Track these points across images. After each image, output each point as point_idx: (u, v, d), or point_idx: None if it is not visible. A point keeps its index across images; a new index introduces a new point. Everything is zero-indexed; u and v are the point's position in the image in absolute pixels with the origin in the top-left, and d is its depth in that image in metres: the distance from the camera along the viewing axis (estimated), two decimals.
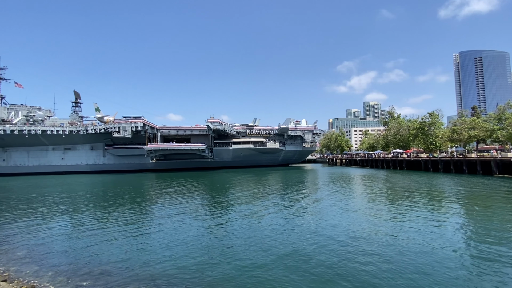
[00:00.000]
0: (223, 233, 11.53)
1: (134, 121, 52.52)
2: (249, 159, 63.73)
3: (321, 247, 9.44)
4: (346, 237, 10.50)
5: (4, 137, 50.27)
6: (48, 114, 61.69)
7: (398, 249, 9.06)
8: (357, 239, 10.13)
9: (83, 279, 7.49)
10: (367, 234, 10.85)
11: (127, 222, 13.87)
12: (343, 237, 10.42)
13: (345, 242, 9.85)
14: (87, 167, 56.92)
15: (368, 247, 9.32)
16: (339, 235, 10.71)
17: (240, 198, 20.98)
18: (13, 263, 8.73)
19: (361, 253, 8.77)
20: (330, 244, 9.72)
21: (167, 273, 7.78)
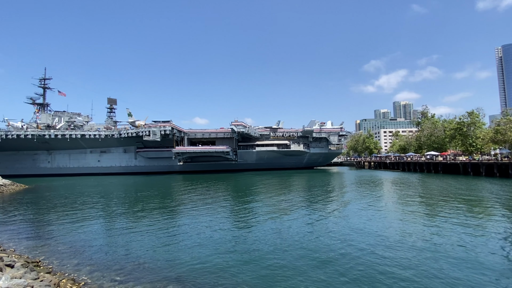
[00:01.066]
0: (249, 235, 11.56)
1: (163, 125, 54.92)
2: (273, 162, 63.52)
3: (353, 255, 9.04)
4: (379, 245, 9.89)
5: (49, 141, 55.27)
6: (87, 120, 66.75)
7: (439, 263, 8.41)
8: (390, 248, 9.46)
9: (116, 274, 7.92)
10: (402, 242, 10.12)
11: (157, 221, 14.47)
12: (375, 245, 9.77)
13: (378, 251, 9.34)
14: (120, 169, 60.53)
15: (404, 257, 8.75)
16: (371, 242, 10.10)
17: (265, 200, 20.94)
18: (56, 256, 9.49)
19: (395, 264, 8.24)
20: (362, 253, 9.28)
21: (193, 272, 7.97)
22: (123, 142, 58.32)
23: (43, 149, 57.95)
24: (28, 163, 57.99)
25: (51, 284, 6.43)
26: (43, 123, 60.61)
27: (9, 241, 11.41)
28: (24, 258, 8.86)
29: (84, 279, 7.57)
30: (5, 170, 52.42)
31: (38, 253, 9.85)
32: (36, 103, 65.23)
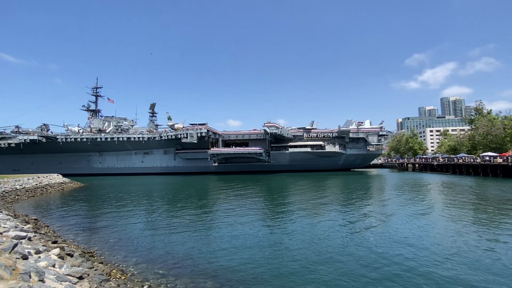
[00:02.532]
0: (284, 238, 11.40)
1: (199, 127, 57.28)
2: (306, 163, 62.18)
3: (396, 271, 8.38)
4: (433, 263, 8.95)
5: (100, 144, 61.21)
6: (132, 124, 72.49)
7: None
8: (447, 269, 8.56)
9: (158, 267, 8.37)
10: (461, 260, 9.03)
11: (195, 220, 15.06)
12: (428, 263, 8.52)
13: (432, 269, 8.50)
14: (161, 169, 64.53)
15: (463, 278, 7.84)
16: (422, 259, 8.92)
17: (300, 202, 20.53)
18: (107, 248, 10.37)
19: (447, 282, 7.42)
20: (406, 268, 8.55)
21: (229, 270, 8.10)
22: (163, 144, 62.09)
23: (96, 151, 64.33)
24: (83, 164, 64.83)
25: (103, 273, 7.00)
26: (95, 128, 67.39)
27: (68, 232, 12.79)
28: (81, 248, 9.83)
29: (131, 271, 8.13)
30: (65, 169, 59.32)
31: (92, 244, 10.86)
32: (89, 109, 72.96)
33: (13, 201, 22.67)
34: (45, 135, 58.59)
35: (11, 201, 22.15)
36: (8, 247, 5.48)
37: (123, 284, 6.88)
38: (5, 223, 8.97)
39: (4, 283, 3.73)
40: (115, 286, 6.29)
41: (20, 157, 61.10)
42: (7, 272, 4.13)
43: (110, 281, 6.56)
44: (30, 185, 29.97)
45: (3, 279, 3.89)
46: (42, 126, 62.83)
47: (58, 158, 63.29)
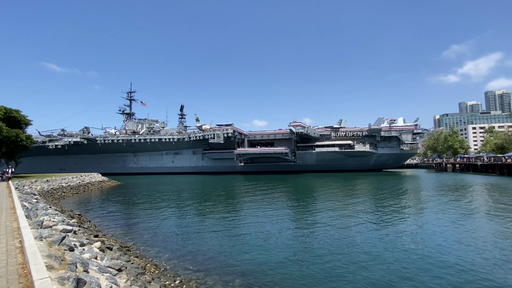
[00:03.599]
0: (311, 237, 11.17)
1: (225, 128, 58.38)
2: (334, 163, 60.36)
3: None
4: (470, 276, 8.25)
5: (134, 145, 65.04)
6: (163, 125, 76.03)
7: None
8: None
9: (189, 263, 8.64)
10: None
11: (223, 218, 15.35)
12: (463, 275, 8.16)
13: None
14: (190, 169, 66.85)
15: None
16: (458, 271, 8.49)
17: (328, 203, 19.96)
18: (141, 243, 10.96)
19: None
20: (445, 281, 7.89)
21: (257, 269, 8.12)
22: (192, 144, 64.27)
23: (130, 152, 68.47)
24: (120, 163, 69.35)
25: (139, 267, 7.39)
26: (130, 130, 71.78)
27: (107, 227, 13.74)
28: (119, 242, 10.49)
29: (163, 265, 8.49)
30: (103, 169, 63.95)
31: (129, 239, 11.54)
32: (124, 112, 77.97)
33: (60, 197, 24.94)
34: (86, 137, 63.70)
35: (58, 198, 24.40)
36: (57, 239, 6.01)
37: (157, 278, 7.20)
38: (54, 218, 9.87)
39: (54, 272, 4.08)
40: (149, 280, 6.60)
41: (66, 158, 67.07)
42: (57, 262, 4.52)
43: (145, 275, 6.91)
44: (74, 183, 32.76)
45: (54, 268, 4.26)
46: (84, 129, 68.42)
47: (97, 158, 68.42)
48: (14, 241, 5.86)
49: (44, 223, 7.93)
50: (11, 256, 4.88)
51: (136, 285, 5.42)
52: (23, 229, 6.18)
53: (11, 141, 29.26)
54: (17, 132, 29.77)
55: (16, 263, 4.54)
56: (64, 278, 3.74)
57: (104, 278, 4.92)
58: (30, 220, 8.11)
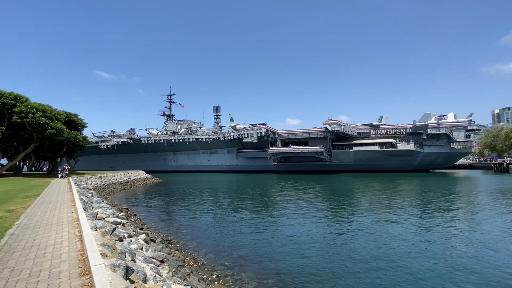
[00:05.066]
0: (348, 239, 10.71)
1: (259, 127, 58.78)
2: (374, 163, 56.92)
3: None
4: None
5: (174, 144, 68.97)
6: (199, 126, 79.41)
7: None
8: None
9: (225, 259, 8.90)
10: None
11: (257, 216, 15.50)
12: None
13: None
14: (224, 167, 68.78)
15: None
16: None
17: (367, 204, 18.94)
18: (181, 237, 11.58)
19: None
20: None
21: (291, 268, 8.05)
22: (226, 144, 66.03)
23: (170, 151, 72.76)
24: (161, 162, 74.12)
25: (179, 259, 7.82)
26: (170, 130, 76.31)
27: (151, 221, 14.79)
28: (161, 236, 11.23)
29: (201, 260, 8.87)
30: (147, 167, 68.97)
31: (170, 233, 12.29)
32: (165, 114, 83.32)
33: (111, 192, 27.55)
34: (132, 137, 69.33)
35: (109, 193, 26.98)
36: (109, 230, 6.64)
37: (195, 271, 7.55)
38: (106, 211, 10.93)
39: (107, 259, 4.52)
40: (189, 272, 6.95)
41: (114, 156, 73.79)
42: (109, 251, 5.00)
43: (184, 267, 7.28)
44: (122, 180, 35.89)
45: (106, 256, 4.72)
46: (130, 130, 74.62)
47: (142, 157, 74.04)
48: (74, 230, 6.62)
49: (98, 215, 8.83)
50: (72, 243, 5.52)
51: (177, 277, 5.74)
52: (81, 220, 6.96)
53: (71, 142, 33.10)
54: (75, 133, 33.58)
55: (76, 249, 5.13)
56: (115, 265, 4.12)
57: (149, 268, 5.30)
58: (87, 212, 9.09)
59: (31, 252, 5.06)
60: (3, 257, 4.80)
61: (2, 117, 28.03)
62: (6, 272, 4.13)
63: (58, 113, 32.13)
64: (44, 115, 28.65)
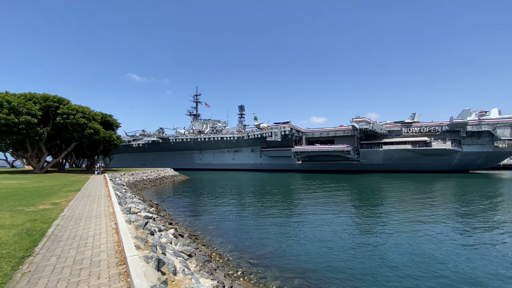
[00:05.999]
0: (377, 242, 10.27)
1: (283, 126, 58.43)
2: (405, 163, 53.87)
3: None
4: None
5: (200, 143, 71.04)
6: (224, 125, 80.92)
7: None
8: None
9: (250, 257, 8.99)
10: None
11: (282, 215, 15.45)
12: None
13: None
14: (248, 166, 69.41)
15: None
16: None
17: (397, 206, 18.01)
18: (207, 233, 11.91)
19: None
20: None
21: (318, 269, 7.91)
22: (250, 142, 66.58)
23: (197, 149, 75.07)
24: (188, 160, 76.76)
25: (206, 254, 8.06)
26: (196, 129, 78.71)
27: (179, 217, 15.40)
28: (189, 231, 11.65)
29: (227, 256, 9.05)
30: (175, 165, 71.85)
31: (196, 228, 12.70)
32: (191, 114, 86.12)
33: (142, 188, 29.11)
34: (161, 136, 72.60)
35: (140, 188, 28.53)
36: (141, 224, 7.04)
37: (221, 267, 7.73)
38: (138, 206, 11.58)
39: (140, 251, 4.80)
40: (215, 267, 7.14)
41: (145, 154, 77.82)
42: (142, 243, 5.31)
43: (211, 262, 7.49)
44: (152, 177, 37.75)
45: (140, 248, 5.02)
46: (159, 129, 78.19)
47: (170, 155, 77.26)
48: (111, 223, 7.12)
49: (131, 209, 9.39)
50: (109, 235, 5.94)
51: (204, 271, 5.93)
52: (117, 213, 7.45)
53: (106, 141, 35.52)
54: (110, 133, 35.97)
55: (113, 241, 5.51)
56: (148, 257, 4.37)
57: (178, 261, 5.53)
58: (121, 206, 9.72)
59: (74, 241, 5.54)
60: (51, 245, 5.31)
61: (47, 118, 30.83)
62: (53, 259, 4.57)
63: (95, 114, 34.62)
64: (83, 116, 31.04)
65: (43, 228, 6.54)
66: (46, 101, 30.13)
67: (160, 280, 3.71)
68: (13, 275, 3.89)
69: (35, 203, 10.26)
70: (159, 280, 3.69)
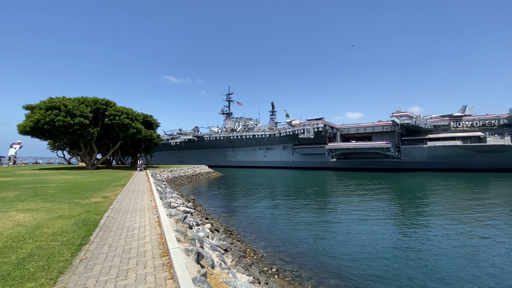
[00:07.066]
0: (419, 245, 9.51)
1: (316, 122, 56.92)
2: (454, 160, 48.86)
3: None
4: None
5: (233, 141, 72.53)
6: (256, 123, 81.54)
7: None
8: None
9: (283, 255, 8.95)
10: None
11: (316, 213, 15.10)
12: None
13: None
14: (280, 163, 69.07)
15: None
16: None
17: (444, 208, 16.46)
18: (241, 229, 12.13)
19: None
20: None
21: (354, 271, 7.58)
22: (282, 140, 66.12)
23: (230, 147, 76.81)
24: (221, 157, 78.96)
25: (240, 250, 8.20)
26: (229, 127, 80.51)
27: (214, 212, 15.91)
28: (224, 226, 11.98)
29: (261, 252, 9.12)
30: (209, 162, 74.43)
31: (230, 224, 13.00)
32: (224, 112, 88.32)
33: (180, 184, 30.68)
34: (197, 135, 75.70)
35: (178, 184, 30.08)
36: (181, 218, 7.39)
37: (256, 263, 7.81)
38: (177, 201, 12.21)
39: (181, 244, 5.04)
40: (250, 263, 7.23)
41: (182, 152, 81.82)
42: (182, 236, 5.57)
43: (246, 258, 7.60)
44: (189, 173, 39.57)
45: (180, 241, 5.28)
46: (194, 128, 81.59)
47: (205, 153, 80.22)
48: (153, 216, 7.60)
49: (171, 204, 9.93)
50: (153, 227, 6.35)
51: (240, 266, 6.03)
52: (159, 207, 7.93)
53: (147, 140, 38.08)
54: (151, 132, 38.48)
55: (156, 233, 5.87)
56: (188, 250, 4.58)
57: (215, 255, 5.71)
58: (162, 201, 10.33)
59: (123, 232, 6.02)
60: (103, 234, 5.84)
61: (97, 119, 33.99)
62: (106, 248, 5.01)
63: (137, 114, 37.28)
64: (127, 117, 33.62)
65: (96, 219, 7.23)
66: (95, 104, 33.24)
67: (200, 272, 3.85)
68: (73, 260, 4.36)
69: (89, 196, 11.40)
70: (199, 273, 3.83)
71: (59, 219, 7.09)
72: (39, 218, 7.12)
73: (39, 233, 5.73)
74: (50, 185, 15.78)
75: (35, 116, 28.58)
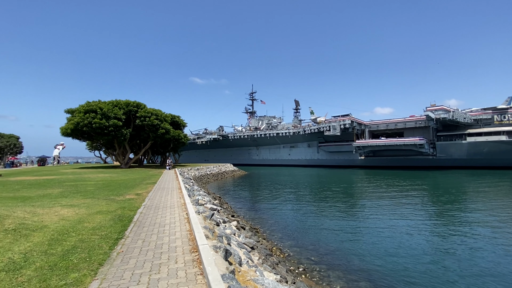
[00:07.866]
0: (456, 248, 8.78)
1: (342, 119, 55.12)
2: (498, 158, 44.56)
3: None
4: None
5: (257, 139, 72.79)
6: (279, 121, 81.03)
7: None
8: None
9: (311, 254, 8.79)
10: None
11: (344, 213, 14.66)
12: None
13: None
14: (305, 161, 67.99)
15: None
16: None
17: (486, 209, 15.07)
18: (267, 227, 12.13)
19: None
20: None
21: (385, 273, 7.21)
22: (307, 137, 65.00)
23: (253, 145, 77.24)
24: (245, 156, 79.68)
25: (267, 248, 8.20)
26: (253, 126, 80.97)
27: (239, 210, 16.10)
28: (250, 224, 12.07)
29: (287, 251, 9.04)
30: (233, 160, 75.47)
31: (256, 222, 13.06)
32: (248, 111, 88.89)
33: (206, 182, 31.49)
34: (221, 134, 77.15)
35: (205, 182, 30.90)
36: (208, 215, 7.57)
37: (283, 261, 7.76)
38: (204, 198, 12.54)
39: (209, 241, 5.16)
40: (276, 262, 7.20)
41: (208, 151, 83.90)
42: (210, 233, 5.70)
43: (272, 256, 7.59)
44: (214, 172, 40.46)
45: (208, 238, 5.40)
46: (219, 127, 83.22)
47: (229, 151, 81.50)
48: (183, 213, 7.87)
49: (199, 201, 10.22)
50: (182, 224, 6.58)
51: (267, 264, 6.03)
52: (187, 205, 8.19)
53: (175, 139, 39.57)
54: (179, 132, 39.92)
55: (186, 229, 6.07)
56: (216, 247, 4.67)
57: (242, 253, 5.76)
58: (190, 198, 10.66)
59: (155, 228, 6.31)
60: (137, 230, 6.16)
61: (129, 121, 35.99)
62: (140, 242, 5.29)
63: (166, 115, 38.86)
64: (157, 118, 35.19)
65: (130, 215, 7.66)
66: (128, 106, 35.22)
67: (229, 269, 3.90)
68: (110, 253, 4.65)
69: (123, 193, 12.12)
70: (228, 270, 3.89)
71: (98, 214, 7.62)
72: (80, 213, 7.71)
73: (81, 227, 6.20)
74: (89, 182, 17.04)
75: (75, 119, 31.01)
